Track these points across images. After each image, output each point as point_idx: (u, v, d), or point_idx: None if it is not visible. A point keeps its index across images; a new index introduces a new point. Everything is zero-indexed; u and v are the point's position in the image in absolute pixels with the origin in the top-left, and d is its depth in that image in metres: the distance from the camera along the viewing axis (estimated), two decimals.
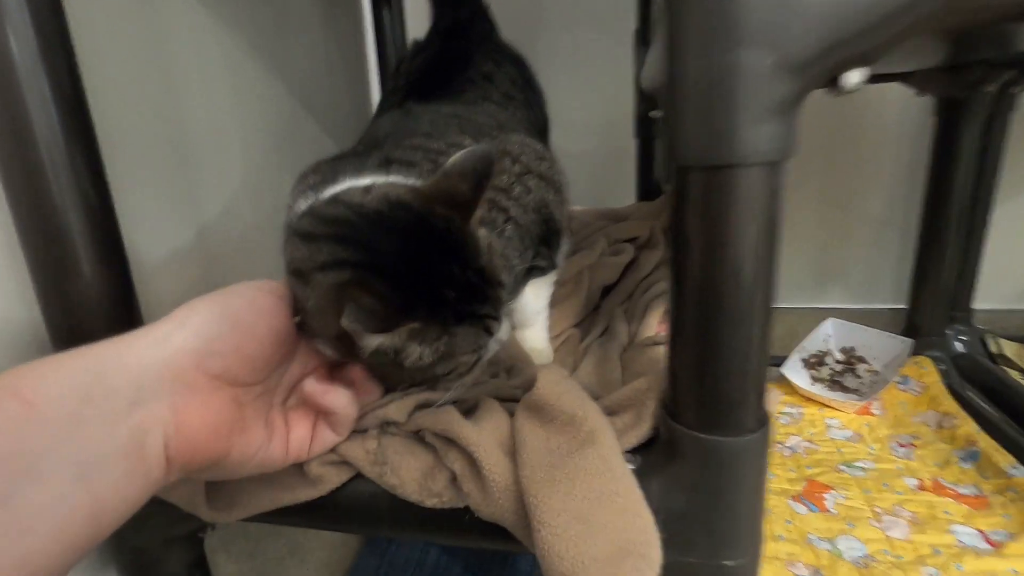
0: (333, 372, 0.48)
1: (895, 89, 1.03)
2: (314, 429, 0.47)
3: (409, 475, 0.47)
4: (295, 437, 0.45)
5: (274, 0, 0.93)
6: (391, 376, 0.47)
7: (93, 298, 0.51)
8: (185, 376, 0.35)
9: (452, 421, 0.46)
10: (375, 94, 1.30)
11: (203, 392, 0.36)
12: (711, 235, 0.36)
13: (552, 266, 0.74)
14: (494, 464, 0.43)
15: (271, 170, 0.91)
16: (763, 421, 0.40)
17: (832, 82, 0.33)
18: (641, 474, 0.42)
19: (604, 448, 0.41)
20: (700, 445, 0.39)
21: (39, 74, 0.45)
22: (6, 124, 0.45)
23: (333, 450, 0.50)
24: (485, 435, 0.45)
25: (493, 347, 0.48)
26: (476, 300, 0.44)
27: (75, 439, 0.30)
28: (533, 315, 0.74)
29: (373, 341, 0.40)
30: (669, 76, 0.35)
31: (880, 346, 1.13)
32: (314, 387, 0.44)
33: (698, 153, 0.35)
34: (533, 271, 0.71)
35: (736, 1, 0.30)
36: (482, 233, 0.47)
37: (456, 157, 0.46)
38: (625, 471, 0.40)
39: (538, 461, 0.41)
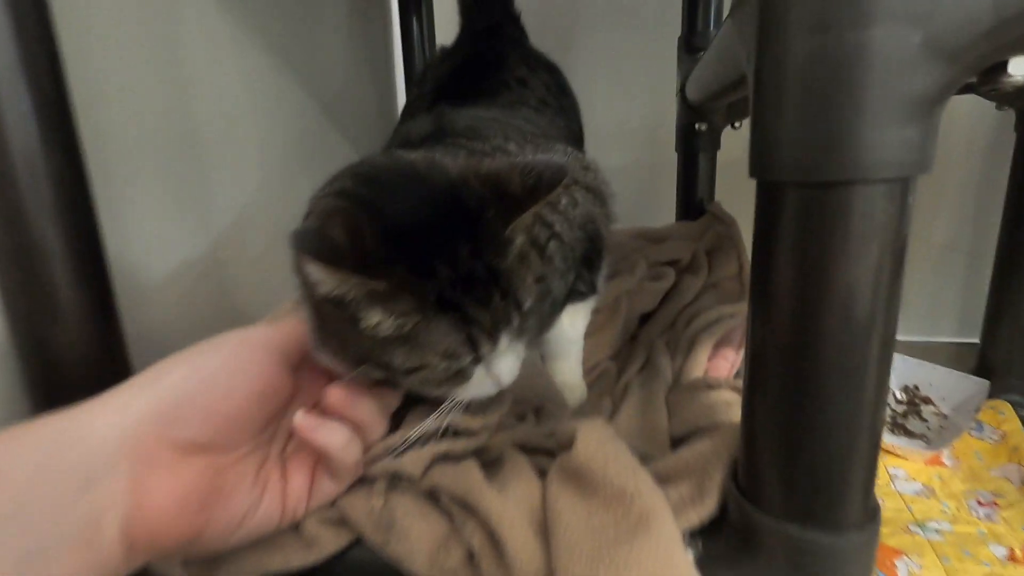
0: (333, 410, 0.41)
1: (965, 101, 0.93)
2: (312, 477, 0.40)
3: (419, 544, 0.39)
4: (293, 488, 0.39)
5: (298, 6, 0.88)
6: (347, 344, 0.38)
7: (70, 322, 0.45)
8: (145, 448, 0.30)
9: (473, 484, 0.38)
10: (400, 103, 1.24)
11: (166, 464, 0.31)
12: (813, 270, 0.28)
13: (592, 291, 0.66)
14: (521, 545, 0.35)
15: (290, 179, 0.86)
16: (872, 513, 0.31)
17: (990, 73, 0.25)
18: (705, 566, 0.33)
19: (662, 537, 0.32)
20: (788, 540, 0.31)
21: (17, 79, 0.40)
22: None
23: (332, 504, 0.43)
24: (511, 506, 0.37)
25: (476, 379, 0.40)
26: (473, 298, 0.37)
27: (19, 524, 0.26)
28: (567, 345, 0.66)
29: (324, 280, 0.34)
30: (759, 64, 0.28)
31: (949, 386, 1.02)
32: (304, 421, 0.37)
33: (799, 165, 0.26)
34: (572, 295, 0.64)
35: None
36: (520, 240, 0.40)
37: (527, 158, 0.39)
38: (688, 568, 0.32)
39: (577, 546, 0.33)
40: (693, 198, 1.03)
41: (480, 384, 0.42)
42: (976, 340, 1.06)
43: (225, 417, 0.34)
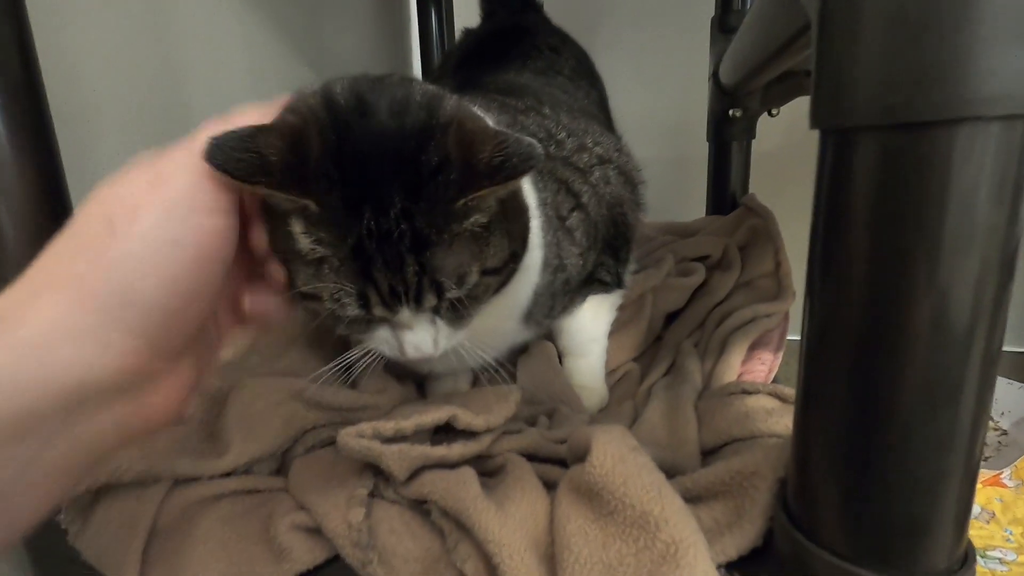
0: None
1: None
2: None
3: (404, 566, 0.34)
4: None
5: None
6: (275, 239, 0.34)
7: None
8: None
9: (468, 498, 0.33)
10: None
11: None
12: (895, 250, 0.21)
13: (618, 283, 0.61)
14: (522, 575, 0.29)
15: None
16: (965, 560, 0.24)
17: None
18: None
19: (694, 572, 0.26)
20: None
21: None
22: None
23: (307, 511, 0.38)
24: (511, 528, 0.31)
25: (381, 336, 0.37)
26: (384, 258, 0.33)
27: None
28: (588, 342, 0.60)
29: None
30: None
31: (1009, 399, 0.93)
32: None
33: (883, 103, 0.20)
34: (595, 286, 0.58)
35: None
36: (475, 219, 0.35)
37: (507, 131, 0.34)
38: None
39: None
40: (725, 190, 0.96)
41: (387, 343, 0.38)
42: None
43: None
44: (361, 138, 0.33)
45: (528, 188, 0.47)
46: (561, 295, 0.53)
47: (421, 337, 0.37)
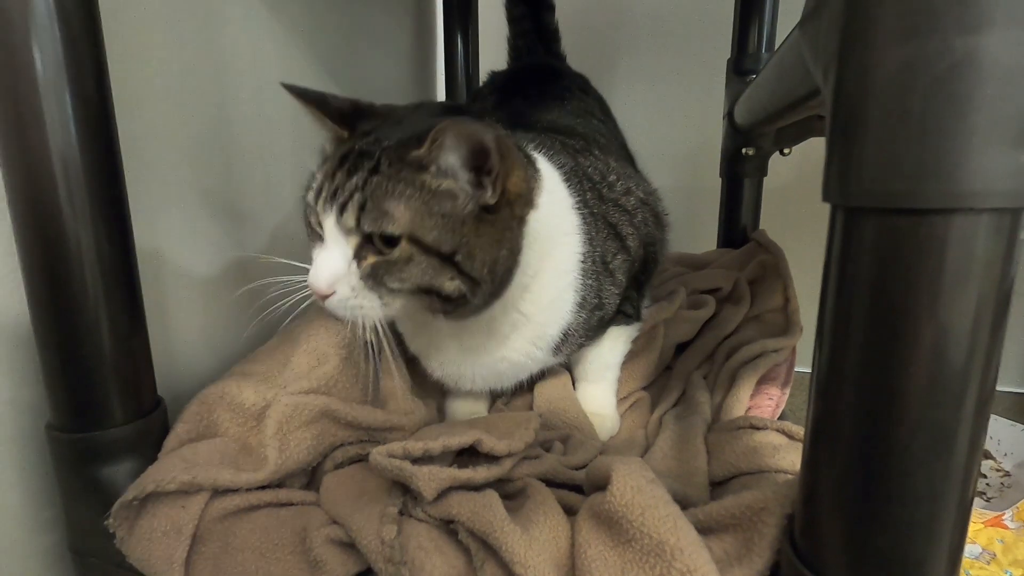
0: None
1: None
2: None
3: None
4: None
5: (345, 20, 0.88)
6: None
7: (97, 325, 0.44)
8: None
9: (495, 520, 0.35)
10: None
11: None
12: (896, 313, 0.24)
13: (638, 316, 0.64)
14: None
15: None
16: None
17: None
18: None
19: None
20: None
21: (61, 80, 0.40)
22: (18, 134, 0.40)
23: (341, 525, 0.40)
24: (536, 550, 0.33)
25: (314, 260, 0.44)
26: (352, 163, 0.43)
27: None
28: (603, 370, 0.63)
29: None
30: (840, 76, 0.25)
31: (1012, 441, 0.94)
32: None
33: (886, 190, 0.23)
34: (618, 316, 0.61)
35: None
36: (433, 179, 0.42)
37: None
38: None
39: None
40: (736, 225, 0.98)
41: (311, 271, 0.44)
42: None
43: None
44: (410, 117, 0.47)
45: (577, 239, 0.52)
46: (595, 329, 0.56)
47: (323, 263, 0.43)
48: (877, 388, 0.25)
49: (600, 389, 0.64)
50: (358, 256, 0.42)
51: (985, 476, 0.92)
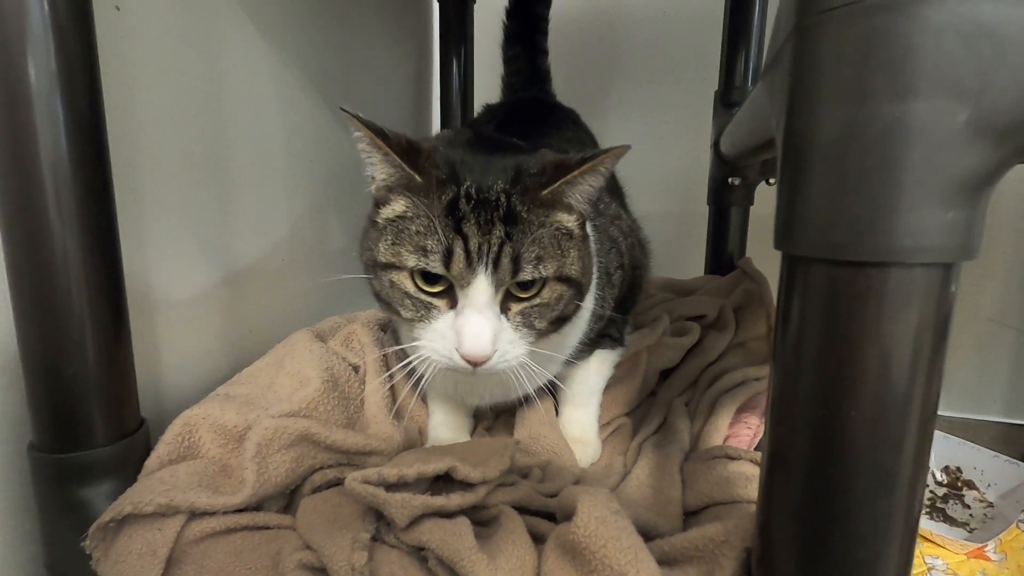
0: None
1: (1015, 170, 0.89)
2: None
3: None
4: None
5: (341, 43, 0.91)
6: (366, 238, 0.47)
7: (81, 340, 0.45)
8: None
9: (462, 549, 0.36)
10: None
11: None
12: (839, 357, 0.25)
13: (622, 341, 0.65)
14: None
15: (319, 213, 0.87)
16: None
17: None
18: None
19: None
20: None
21: (54, 94, 0.41)
22: (9, 147, 0.41)
23: (313, 550, 0.41)
24: None
25: (440, 326, 0.41)
26: (477, 217, 0.41)
27: None
28: (587, 395, 0.64)
29: (383, 171, 0.44)
30: (787, 132, 0.26)
31: (995, 471, 0.94)
32: None
33: (828, 242, 0.24)
34: (604, 339, 0.62)
35: (914, 24, 0.21)
36: (559, 219, 0.44)
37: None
38: None
39: None
40: (723, 252, 1.00)
41: (443, 338, 0.41)
42: None
43: None
44: (467, 155, 0.44)
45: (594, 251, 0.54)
46: (593, 341, 0.59)
47: (482, 326, 0.40)
48: (822, 429, 0.26)
49: (584, 414, 0.64)
50: (503, 308, 0.42)
51: (969, 507, 0.92)
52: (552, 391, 0.64)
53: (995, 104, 0.21)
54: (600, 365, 0.63)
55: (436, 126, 1.25)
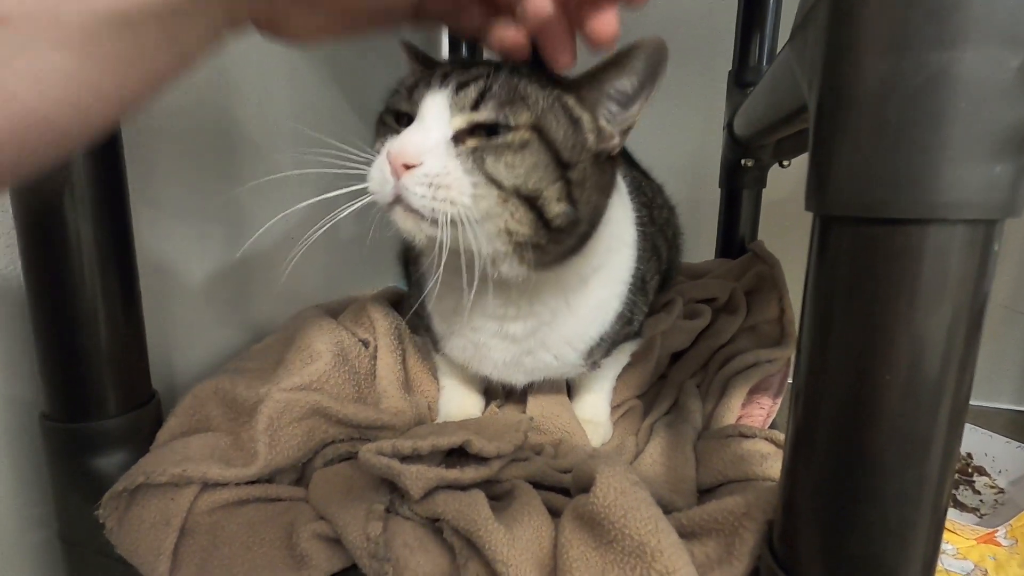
0: None
1: None
2: None
3: None
4: None
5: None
6: None
7: (94, 317, 0.45)
8: None
9: (480, 520, 0.36)
10: None
11: None
12: (874, 322, 0.25)
13: (640, 332, 0.64)
14: None
15: (327, 187, 0.86)
16: None
17: None
18: None
19: None
20: None
21: None
22: None
23: (327, 521, 0.40)
24: (519, 549, 0.34)
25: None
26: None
27: None
28: (601, 380, 0.63)
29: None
30: (823, 88, 0.25)
31: (1007, 458, 0.94)
32: None
33: (865, 199, 0.24)
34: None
35: None
36: (575, 112, 0.40)
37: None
38: None
39: None
40: (735, 236, 0.99)
41: (383, 154, 0.37)
42: None
43: None
44: None
45: (632, 254, 0.53)
46: (618, 344, 0.57)
47: (414, 132, 0.36)
48: (853, 396, 0.26)
49: (597, 398, 0.64)
50: (456, 139, 0.37)
51: (979, 493, 0.92)
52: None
53: None
54: (617, 355, 0.63)
55: None
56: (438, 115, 0.37)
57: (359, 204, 0.39)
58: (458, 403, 0.59)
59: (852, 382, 0.26)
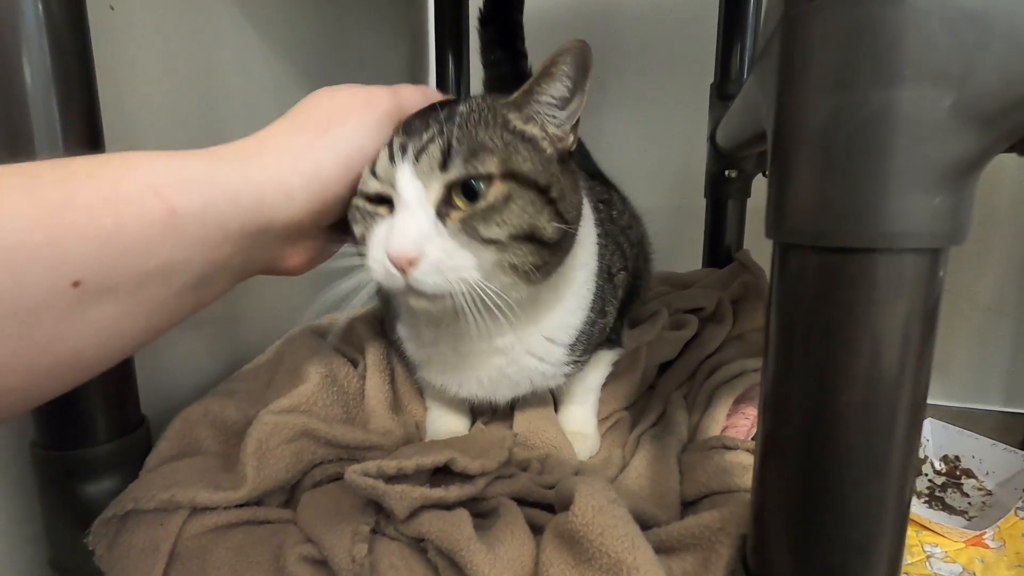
0: None
1: (1010, 159, 0.90)
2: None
3: None
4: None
5: (335, 32, 0.91)
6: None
7: None
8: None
9: (461, 538, 0.36)
10: None
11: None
12: (832, 340, 0.26)
13: (619, 342, 0.65)
14: None
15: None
16: None
17: None
18: None
19: None
20: None
21: (50, 100, 0.41)
22: (6, 148, 0.41)
23: (314, 543, 0.41)
24: (500, 568, 0.34)
25: (379, 235, 0.39)
26: (420, 123, 0.40)
27: (203, 257, 0.31)
28: (585, 392, 0.64)
29: None
30: (777, 120, 0.26)
31: (994, 460, 0.95)
32: None
33: (818, 229, 0.25)
34: (604, 341, 0.62)
35: (899, 11, 0.21)
36: (519, 126, 0.42)
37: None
38: None
39: None
40: (720, 245, 1.00)
41: (379, 244, 0.38)
42: (1023, 411, 1.00)
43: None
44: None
45: (595, 248, 0.54)
46: (594, 343, 0.57)
47: (406, 222, 0.37)
48: (814, 413, 0.27)
49: (583, 410, 0.65)
50: (440, 214, 0.38)
51: (967, 495, 0.93)
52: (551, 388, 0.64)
53: (980, 90, 0.21)
54: (597, 365, 0.64)
55: None
56: (415, 192, 0.38)
57: (366, 293, 0.42)
58: (445, 422, 0.60)
59: (813, 402, 0.27)
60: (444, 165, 0.38)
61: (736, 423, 0.63)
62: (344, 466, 0.50)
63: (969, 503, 0.91)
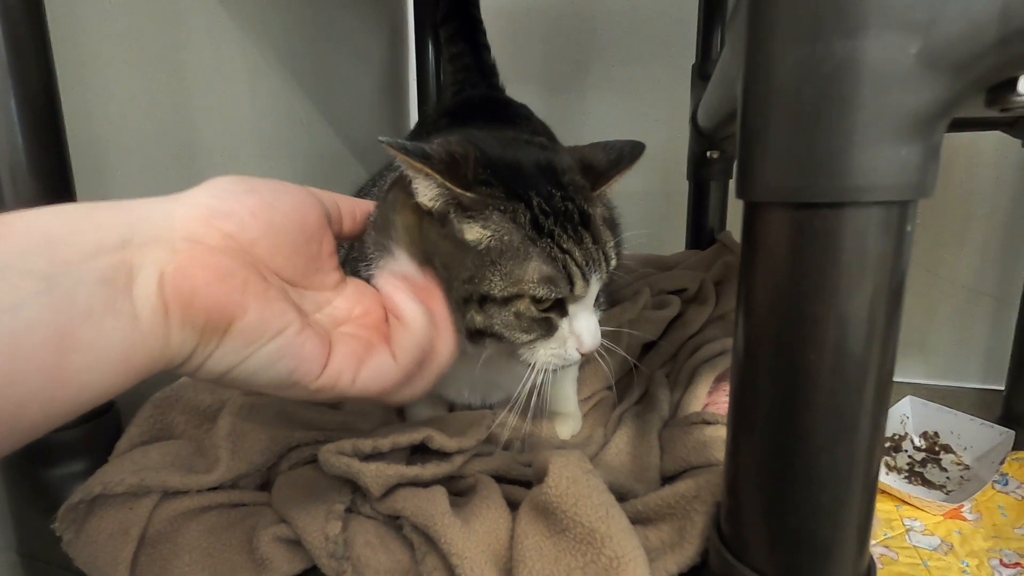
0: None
1: (990, 138, 0.90)
2: (370, 353, 0.34)
3: None
4: (338, 356, 0.33)
5: (314, 29, 0.89)
6: (448, 267, 0.38)
7: None
8: (191, 227, 0.30)
9: (436, 514, 0.36)
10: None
11: (212, 243, 0.31)
12: (800, 300, 0.25)
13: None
14: None
15: None
16: (866, 573, 0.28)
17: (997, 90, 0.23)
18: None
19: None
20: None
21: (6, 90, 0.40)
22: None
23: (288, 523, 0.40)
24: (474, 542, 0.34)
25: (559, 336, 0.40)
26: (566, 232, 0.38)
27: (43, 254, 0.26)
28: (564, 372, 0.64)
29: (419, 186, 0.37)
30: (746, 76, 0.26)
31: (971, 435, 0.96)
32: (388, 281, 0.36)
33: (785, 185, 0.24)
34: None
35: None
36: (600, 211, 0.42)
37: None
38: None
39: None
40: (703, 227, 1.00)
41: (563, 344, 0.40)
42: (1001, 387, 1.01)
43: (269, 225, 0.33)
44: (499, 155, 0.40)
45: None
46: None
47: (592, 322, 0.41)
48: (784, 375, 0.26)
49: (561, 390, 0.64)
50: (598, 298, 0.43)
51: (946, 471, 0.94)
52: None
53: (945, 37, 0.20)
54: None
55: (413, 109, 1.23)
56: (593, 296, 0.42)
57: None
58: (426, 403, 0.59)
59: (783, 362, 0.26)
60: (608, 268, 0.42)
61: (717, 400, 0.63)
62: (320, 448, 0.49)
63: (947, 478, 0.92)
